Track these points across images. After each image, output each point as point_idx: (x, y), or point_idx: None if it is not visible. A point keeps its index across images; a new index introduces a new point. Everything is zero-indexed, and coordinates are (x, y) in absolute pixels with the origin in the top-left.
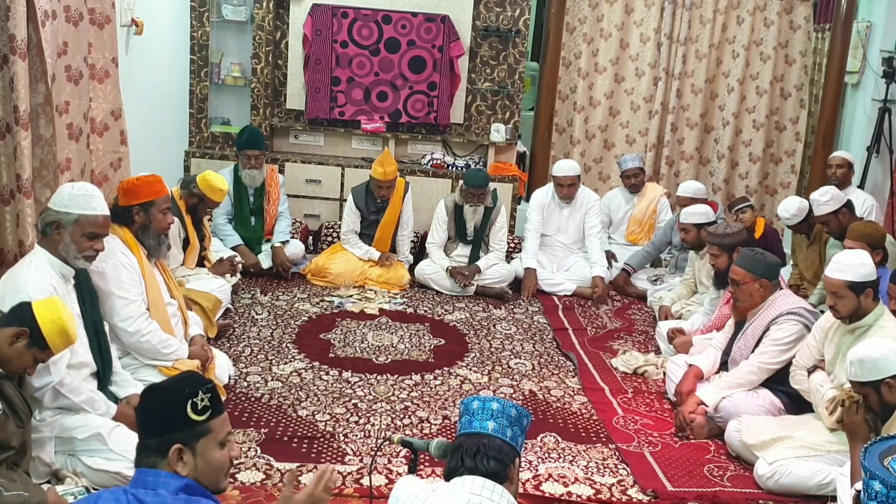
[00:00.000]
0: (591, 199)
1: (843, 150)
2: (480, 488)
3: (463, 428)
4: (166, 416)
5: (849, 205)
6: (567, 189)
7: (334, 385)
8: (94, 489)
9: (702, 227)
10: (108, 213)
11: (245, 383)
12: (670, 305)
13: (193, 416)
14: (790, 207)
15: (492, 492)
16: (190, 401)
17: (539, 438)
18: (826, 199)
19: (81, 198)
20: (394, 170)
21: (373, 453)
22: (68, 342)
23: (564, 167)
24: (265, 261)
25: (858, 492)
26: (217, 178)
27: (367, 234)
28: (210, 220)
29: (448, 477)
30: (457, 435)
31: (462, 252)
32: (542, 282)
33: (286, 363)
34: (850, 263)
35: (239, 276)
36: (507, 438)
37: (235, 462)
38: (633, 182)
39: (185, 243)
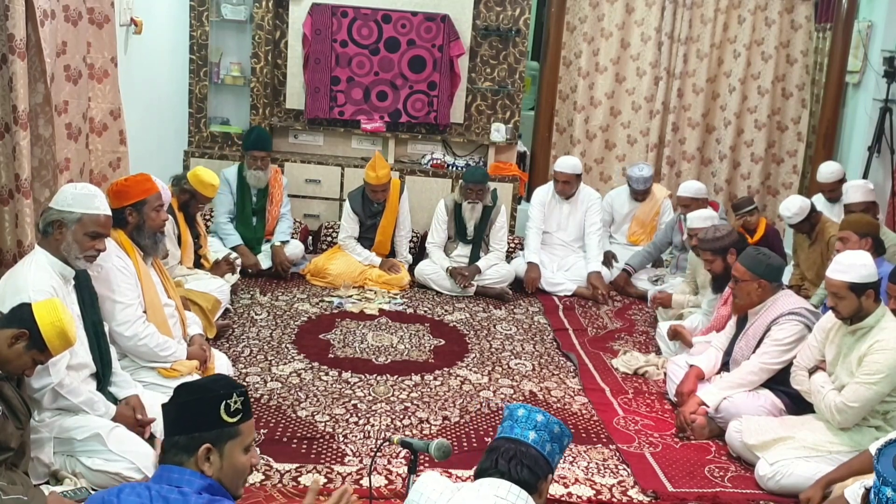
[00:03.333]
0: (592, 197)
1: (833, 161)
2: (506, 492)
3: (503, 432)
4: (199, 414)
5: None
6: (562, 185)
7: (334, 386)
8: (94, 490)
9: None
10: (109, 213)
11: (244, 384)
12: (672, 295)
13: (226, 418)
14: (791, 206)
15: (517, 497)
16: (224, 402)
17: None
18: (861, 192)
19: (85, 197)
20: (386, 173)
21: (372, 454)
22: (67, 344)
23: (564, 163)
24: (265, 261)
25: (867, 490)
26: (207, 173)
27: (366, 238)
28: (208, 218)
29: (478, 476)
30: (496, 437)
31: (462, 252)
32: (542, 281)
33: (285, 364)
34: (851, 264)
35: (238, 275)
36: (544, 452)
37: (254, 470)
38: (640, 199)
39: (179, 241)
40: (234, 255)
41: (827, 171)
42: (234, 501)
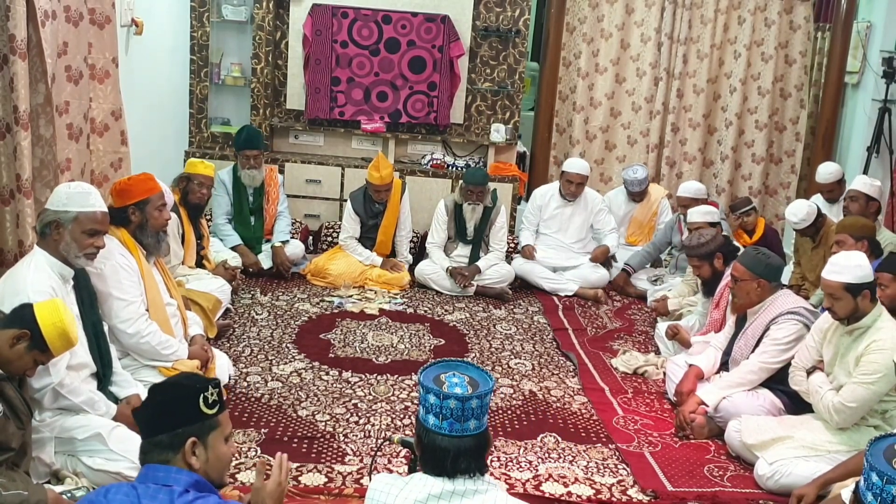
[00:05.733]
0: (598, 200)
1: (831, 161)
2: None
3: (441, 429)
4: (179, 410)
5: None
6: (575, 187)
7: (334, 385)
8: (95, 489)
9: (715, 227)
10: (105, 209)
11: (245, 383)
12: (667, 299)
13: (205, 410)
14: (799, 212)
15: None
16: (202, 395)
17: (539, 438)
18: (877, 184)
19: (79, 195)
20: (389, 172)
21: (373, 453)
22: (69, 345)
23: (576, 165)
24: (265, 261)
25: (855, 494)
26: (199, 160)
27: (368, 238)
28: (209, 219)
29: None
30: (433, 429)
31: (462, 252)
32: (544, 280)
33: (286, 363)
34: (846, 265)
35: (240, 281)
36: (483, 429)
37: (234, 460)
38: (638, 200)
39: (183, 241)
40: (238, 267)
41: (825, 171)
42: (220, 492)
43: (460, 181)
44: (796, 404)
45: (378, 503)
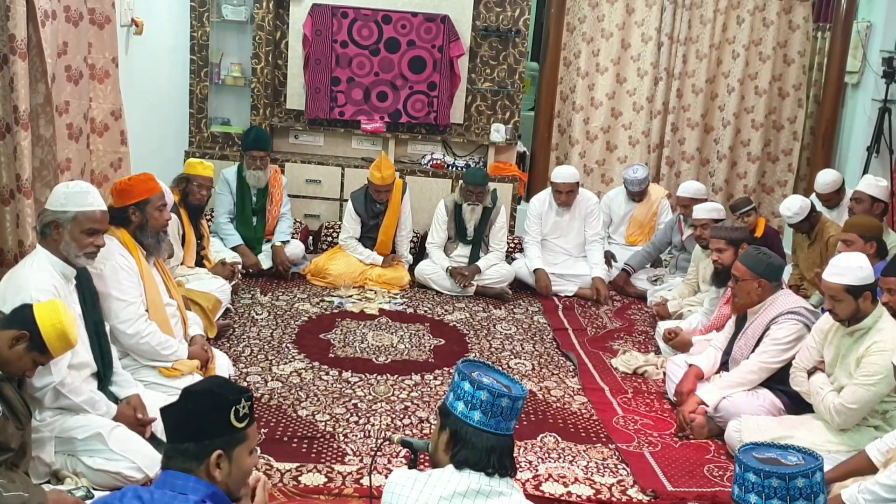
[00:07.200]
0: (591, 202)
1: (830, 169)
2: (478, 480)
3: (488, 426)
4: (209, 421)
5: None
6: (566, 196)
7: (334, 385)
8: (95, 489)
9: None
10: (104, 208)
11: (245, 383)
12: (667, 302)
13: (235, 423)
14: (792, 206)
15: (488, 483)
16: (234, 408)
17: (539, 438)
18: (883, 184)
19: (77, 195)
20: (391, 173)
21: (373, 453)
22: (68, 346)
23: (564, 174)
24: (265, 261)
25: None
26: (199, 160)
27: (368, 238)
28: (209, 218)
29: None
30: (483, 427)
31: (462, 252)
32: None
33: (286, 363)
34: (847, 267)
35: (239, 278)
36: (512, 431)
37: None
38: (638, 200)
39: (183, 241)
40: (238, 263)
41: (823, 181)
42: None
43: (460, 181)
44: (796, 404)
45: (400, 497)
